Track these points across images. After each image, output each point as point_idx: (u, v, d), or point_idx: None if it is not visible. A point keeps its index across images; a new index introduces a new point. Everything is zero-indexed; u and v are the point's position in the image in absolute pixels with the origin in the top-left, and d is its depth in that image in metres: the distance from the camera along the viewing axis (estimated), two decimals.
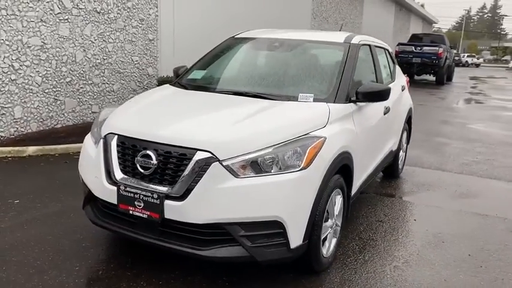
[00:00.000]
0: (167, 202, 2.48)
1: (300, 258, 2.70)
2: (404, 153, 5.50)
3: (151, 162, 2.56)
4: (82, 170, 3.03)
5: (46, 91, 6.29)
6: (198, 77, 3.85)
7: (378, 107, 3.86)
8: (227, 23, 9.46)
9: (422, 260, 3.28)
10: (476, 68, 50.38)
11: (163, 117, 2.95)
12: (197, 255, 2.52)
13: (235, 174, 2.45)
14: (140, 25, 7.79)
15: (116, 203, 2.65)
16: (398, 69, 5.27)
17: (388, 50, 5.03)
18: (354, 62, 3.57)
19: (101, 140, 2.84)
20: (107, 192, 2.69)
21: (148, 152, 2.58)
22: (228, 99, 3.25)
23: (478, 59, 59.19)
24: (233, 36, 4.30)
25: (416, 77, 21.14)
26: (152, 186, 2.56)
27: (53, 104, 6.44)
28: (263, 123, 2.77)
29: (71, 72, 6.62)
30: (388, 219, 4.01)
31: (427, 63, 18.98)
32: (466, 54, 57.83)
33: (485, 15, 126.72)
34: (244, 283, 2.82)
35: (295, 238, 2.55)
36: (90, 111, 7.05)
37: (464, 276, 3.08)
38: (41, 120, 6.31)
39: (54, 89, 6.42)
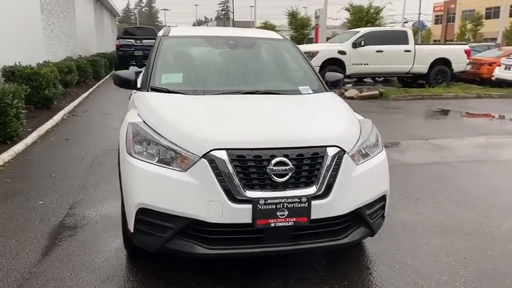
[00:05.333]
0: (314, 203, 2.60)
1: None
2: None
3: (288, 168, 2.58)
4: (167, 201, 2.58)
5: None
6: (178, 80, 3.61)
7: None
8: None
9: None
10: None
11: (259, 122, 2.90)
12: (340, 244, 2.74)
13: (356, 162, 2.80)
14: None
15: (249, 221, 2.54)
16: None
17: None
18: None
19: (201, 160, 2.55)
20: (234, 214, 2.53)
21: (281, 159, 2.58)
22: (262, 99, 3.37)
23: None
24: (167, 35, 4.06)
25: None
26: (296, 191, 2.60)
27: None
28: (337, 115, 3.20)
29: None
30: None
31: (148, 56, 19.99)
32: None
33: (143, 9, 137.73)
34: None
35: (387, 207, 3.11)
36: None
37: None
38: None
39: None
